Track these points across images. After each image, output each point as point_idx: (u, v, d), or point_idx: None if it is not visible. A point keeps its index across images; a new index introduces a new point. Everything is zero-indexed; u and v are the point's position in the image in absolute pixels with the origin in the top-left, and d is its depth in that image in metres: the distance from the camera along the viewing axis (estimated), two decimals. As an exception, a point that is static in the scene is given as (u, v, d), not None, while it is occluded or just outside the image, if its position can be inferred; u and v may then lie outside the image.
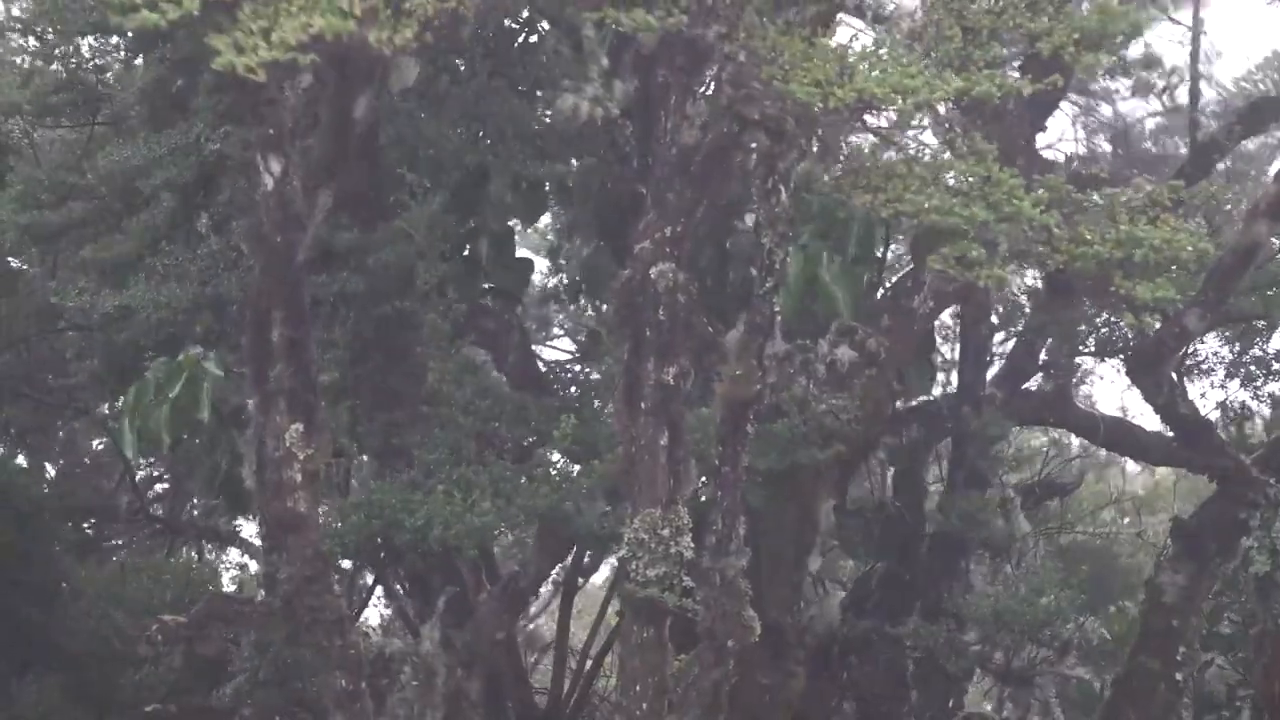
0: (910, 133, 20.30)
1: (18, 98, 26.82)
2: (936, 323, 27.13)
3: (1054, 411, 28.90)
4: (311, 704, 22.22)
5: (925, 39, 17.58)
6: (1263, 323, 26.92)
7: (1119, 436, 27.80)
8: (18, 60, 28.23)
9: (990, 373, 27.87)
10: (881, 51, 17.45)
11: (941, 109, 19.18)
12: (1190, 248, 16.91)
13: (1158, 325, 22.35)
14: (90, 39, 26.72)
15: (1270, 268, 23.63)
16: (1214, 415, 28.16)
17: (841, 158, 18.82)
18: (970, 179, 17.09)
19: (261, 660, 23.28)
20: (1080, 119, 31.50)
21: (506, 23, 24.02)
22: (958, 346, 28.30)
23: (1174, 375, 23.67)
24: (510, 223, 25.27)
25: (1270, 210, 20.46)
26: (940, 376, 29.98)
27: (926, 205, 16.83)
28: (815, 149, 19.43)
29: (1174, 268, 17.08)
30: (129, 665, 24.34)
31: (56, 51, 26.98)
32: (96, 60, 27.11)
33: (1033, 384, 28.82)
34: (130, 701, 23.44)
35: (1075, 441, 34.45)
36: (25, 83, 27.05)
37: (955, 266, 17.17)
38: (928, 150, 19.52)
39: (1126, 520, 35.69)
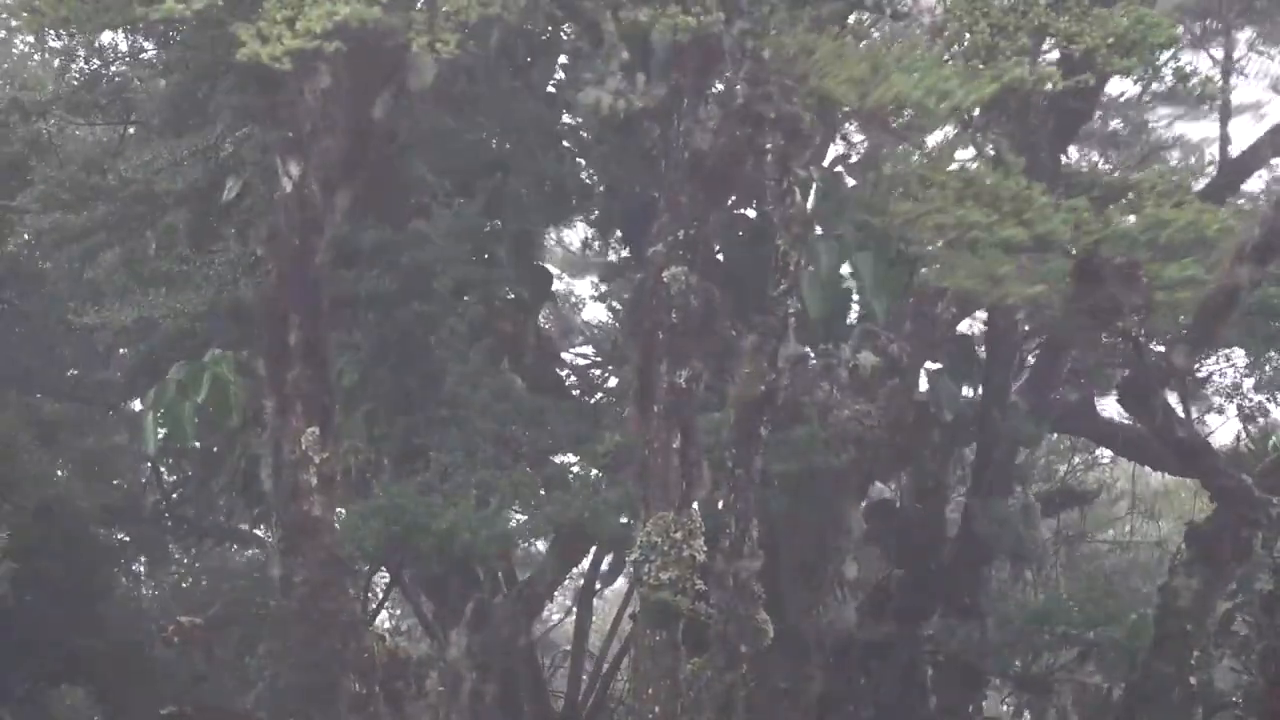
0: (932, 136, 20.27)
1: (48, 94, 26.87)
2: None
3: (1075, 420, 28.83)
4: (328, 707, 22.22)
5: (948, 34, 17.52)
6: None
7: (1137, 446, 27.70)
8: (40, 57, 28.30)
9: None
10: (916, 52, 17.39)
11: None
12: (1215, 227, 16.90)
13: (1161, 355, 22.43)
14: (119, 36, 26.67)
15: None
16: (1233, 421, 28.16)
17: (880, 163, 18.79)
18: (1001, 194, 17.03)
19: (278, 664, 23.28)
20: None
21: (526, 25, 24.01)
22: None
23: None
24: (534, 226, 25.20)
25: (1255, 255, 20.58)
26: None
27: (964, 220, 16.77)
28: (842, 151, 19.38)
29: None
30: (153, 666, 24.45)
31: (81, 52, 27.02)
32: (124, 59, 27.08)
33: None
34: (148, 703, 23.50)
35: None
36: (56, 78, 27.15)
37: (984, 284, 17.19)
38: (955, 161, 19.47)
39: (1159, 528, 35.40)
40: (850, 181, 22.44)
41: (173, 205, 24.80)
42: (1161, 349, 23.27)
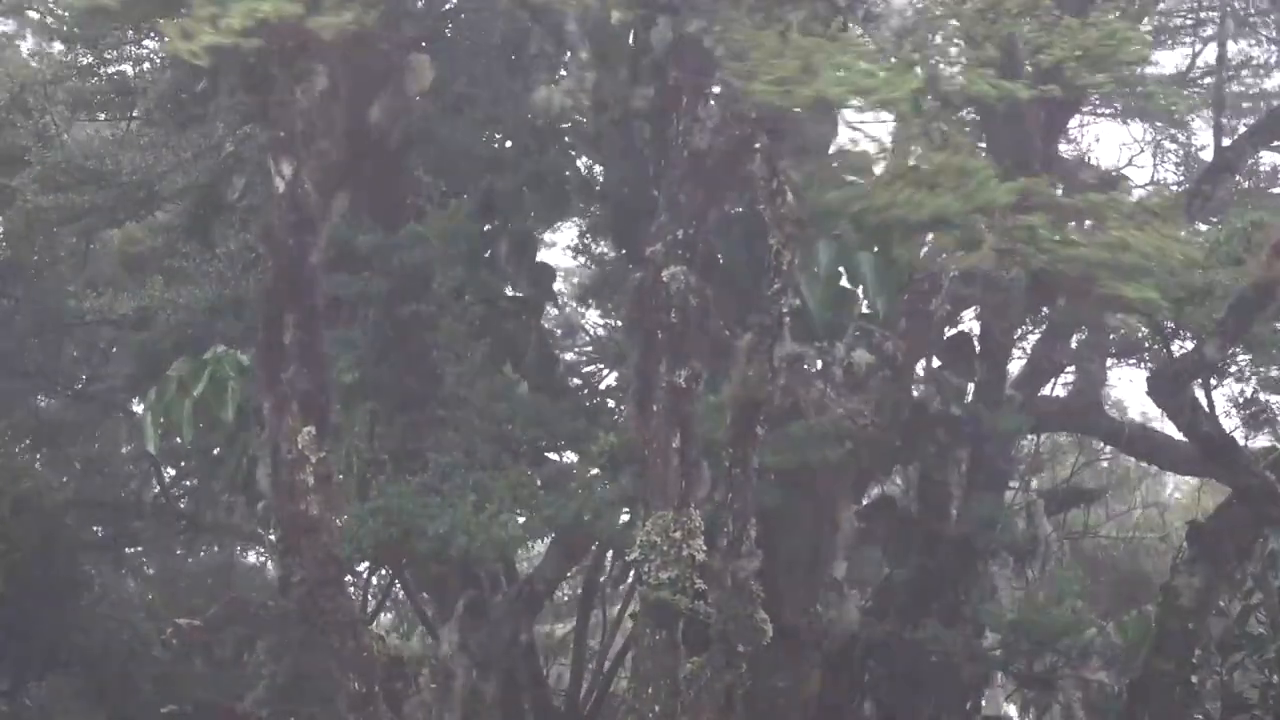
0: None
1: (48, 80, 26.83)
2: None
3: (1079, 417, 28.74)
4: (327, 706, 22.21)
5: (915, 37, 17.44)
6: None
7: (1143, 443, 27.60)
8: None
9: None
10: (845, 55, 17.14)
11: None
12: (1180, 255, 16.84)
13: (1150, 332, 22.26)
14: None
15: None
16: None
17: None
18: (941, 171, 16.91)
19: (278, 663, 23.28)
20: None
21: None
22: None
23: (1197, 395, 23.37)
24: (533, 225, 25.13)
25: None
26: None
27: (896, 199, 16.70)
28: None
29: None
30: (148, 666, 24.40)
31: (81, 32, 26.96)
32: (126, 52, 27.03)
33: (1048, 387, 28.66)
34: (148, 703, 23.50)
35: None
36: (58, 72, 27.12)
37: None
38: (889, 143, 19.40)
39: (1161, 526, 35.35)
40: (851, 179, 22.37)
41: (172, 199, 24.78)
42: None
